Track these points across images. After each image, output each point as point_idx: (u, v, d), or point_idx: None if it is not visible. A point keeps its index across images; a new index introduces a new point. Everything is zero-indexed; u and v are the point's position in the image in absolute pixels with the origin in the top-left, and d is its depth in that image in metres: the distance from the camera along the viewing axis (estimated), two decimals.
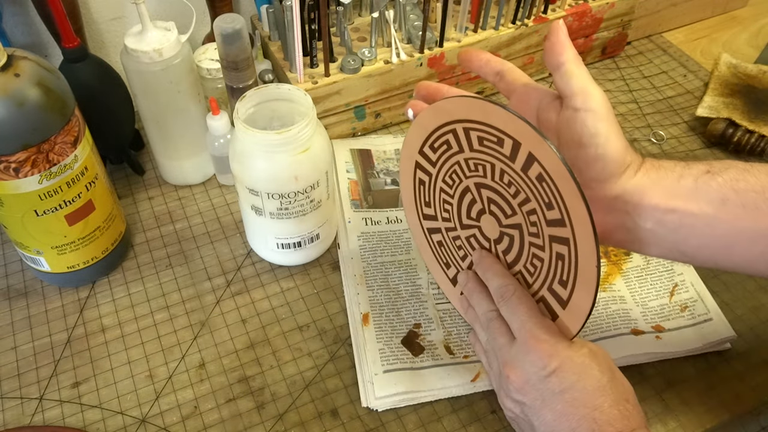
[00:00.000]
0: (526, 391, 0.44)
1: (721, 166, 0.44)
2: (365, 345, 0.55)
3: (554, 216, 0.41)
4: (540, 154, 0.40)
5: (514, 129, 0.41)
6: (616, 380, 0.43)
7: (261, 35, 0.73)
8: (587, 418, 0.41)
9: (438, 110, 0.47)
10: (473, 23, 0.73)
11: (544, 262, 0.44)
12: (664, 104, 0.79)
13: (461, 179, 0.48)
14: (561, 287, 0.43)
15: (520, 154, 0.41)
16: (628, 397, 0.43)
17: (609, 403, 0.41)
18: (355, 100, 0.70)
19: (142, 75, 0.59)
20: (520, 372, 0.44)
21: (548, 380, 0.43)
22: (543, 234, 0.43)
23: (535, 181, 0.41)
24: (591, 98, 0.43)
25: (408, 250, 0.63)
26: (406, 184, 0.55)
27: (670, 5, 0.86)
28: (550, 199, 0.41)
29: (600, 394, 0.42)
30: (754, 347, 0.57)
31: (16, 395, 0.54)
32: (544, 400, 0.43)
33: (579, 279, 0.41)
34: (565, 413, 0.42)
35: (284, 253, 0.60)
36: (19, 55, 0.48)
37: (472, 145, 0.45)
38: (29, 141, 0.48)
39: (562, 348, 0.43)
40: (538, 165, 0.40)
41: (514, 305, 0.46)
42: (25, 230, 0.54)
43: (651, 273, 0.61)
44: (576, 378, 0.42)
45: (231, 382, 0.54)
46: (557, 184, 0.40)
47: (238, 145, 0.54)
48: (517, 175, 0.43)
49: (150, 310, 0.59)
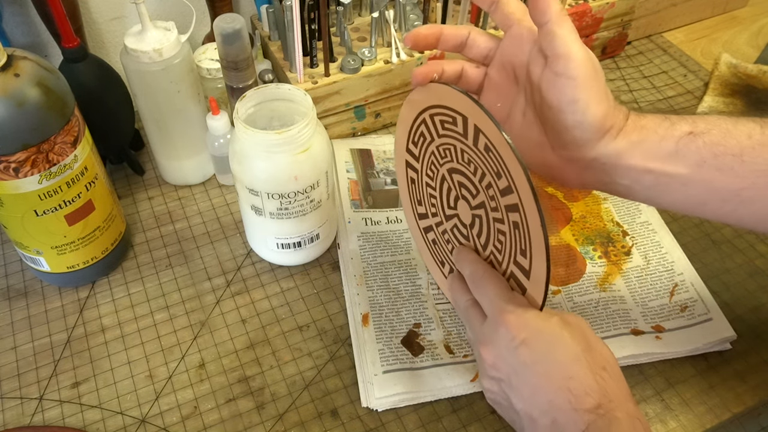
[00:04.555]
0: (499, 366, 0.43)
1: (705, 126, 0.43)
2: (365, 345, 0.55)
3: (504, 184, 0.42)
4: (482, 124, 0.41)
5: (461, 105, 0.43)
6: (592, 348, 0.42)
7: (261, 35, 0.73)
8: (562, 389, 0.40)
9: (410, 103, 0.49)
10: (473, 23, 0.73)
11: (506, 236, 0.44)
12: (665, 104, 0.79)
13: (438, 168, 0.49)
14: (522, 257, 0.43)
15: (469, 129, 0.43)
16: (605, 365, 0.41)
17: (584, 371, 0.40)
18: (355, 100, 0.70)
19: (142, 75, 0.59)
20: (492, 347, 0.43)
21: (518, 352, 0.41)
22: (500, 206, 0.44)
23: (484, 153, 0.43)
24: (572, 64, 0.41)
25: (408, 250, 0.63)
26: (402, 185, 0.56)
27: (670, 5, 0.86)
28: (498, 167, 0.42)
29: (573, 363, 0.40)
30: (754, 347, 0.57)
31: (16, 395, 0.54)
32: (518, 374, 0.42)
33: (533, 245, 0.41)
34: (540, 386, 0.41)
35: (284, 253, 0.60)
36: (19, 55, 0.48)
37: (438, 130, 0.47)
38: (29, 141, 0.48)
39: (530, 318, 0.42)
40: (483, 136, 0.42)
41: (484, 286, 0.45)
42: (25, 230, 0.54)
43: (651, 273, 0.61)
44: (546, 348, 0.41)
45: (231, 382, 0.54)
46: (499, 151, 0.41)
47: (238, 145, 0.53)
48: (472, 152, 0.44)
49: (150, 310, 0.59)
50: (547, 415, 0.40)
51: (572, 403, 0.40)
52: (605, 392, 0.40)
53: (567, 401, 0.40)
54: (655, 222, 0.65)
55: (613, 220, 0.65)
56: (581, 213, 0.66)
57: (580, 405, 0.39)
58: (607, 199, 0.67)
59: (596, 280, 0.60)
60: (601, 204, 0.67)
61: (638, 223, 0.65)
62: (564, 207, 0.67)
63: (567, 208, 0.66)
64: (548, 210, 0.66)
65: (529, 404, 0.41)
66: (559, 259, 0.62)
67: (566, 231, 0.64)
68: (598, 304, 0.58)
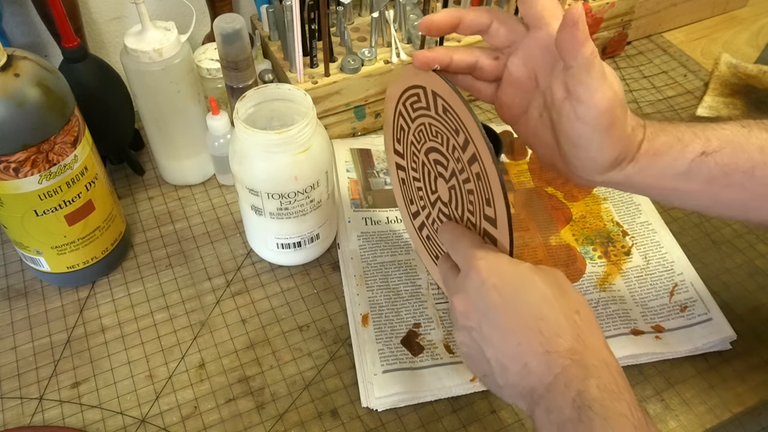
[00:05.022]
0: (470, 314, 0.42)
1: (717, 144, 0.43)
2: (365, 345, 0.55)
3: (462, 139, 0.43)
4: (438, 88, 0.43)
5: (421, 79, 0.45)
6: (565, 292, 0.41)
7: (261, 35, 0.73)
8: (532, 330, 0.39)
9: (387, 99, 0.51)
10: None
11: (474, 194, 0.45)
12: (665, 104, 0.79)
13: (418, 156, 0.51)
14: (488, 207, 0.43)
15: (429, 98, 0.45)
16: (578, 309, 0.40)
17: (554, 313, 0.39)
18: (355, 100, 0.70)
19: (142, 75, 0.59)
20: (463, 295, 0.42)
21: (488, 295, 0.40)
22: (465, 164, 0.44)
23: (444, 116, 0.44)
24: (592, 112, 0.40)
25: (408, 251, 0.63)
26: (396, 189, 0.57)
27: (670, 5, 0.86)
28: (455, 124, 0.43)
29: (544, 305, 0.39)
30: (754, 347, 0.57)
31: (16, 395, 0.54)
32: (488, 318, 0.40)
33: (493, 190, 0.41)
34: (510, 328, 0.39)
35: (284, 253, 0.60)
36: (19, 55, 0.48)
37: (411, 114, 0.48)
38: (29, 141, 0.48)
39: (500, 263, 0.41)
40: (440, 98, 0.43)
41: (457, 243, 0.45)
42: (25, 230, 0.54)
43: (651, 273, 0.61)
44: (515, 290, 0.40)
45: (231, 382, 0.54)
46: (451, 104, 0.42)
47: (238, 145, 0.54)
48: (436, 120, 0.45)
49: (150, 310, 0.59)
50: (518, 360, 0.39)
51: (543, 345, 0.38)
52: (578, 335, 0.39)
53: (538, 343, 0.38)
54: (655, 222, 0.65)
55: (613, 220, 0.65)
56: (581, 213, 0.66)
57: (552, 347, 0.38)
58: (607, 199, 0.67)
59: (596, 280, 0.60)
60: (601, 204, 0.67)
61: (638, 223, 0.65)
62: (564, 207, 0.67)
63: (567, 208, 0.66)
64: (548, 210, 0.66)
65: (500, 349, 0.40)
66: (559, 259, 0.62)
67: (566, 231, 0.64)
68: (598, 304, 0.58)
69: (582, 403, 0.36)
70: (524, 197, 0.67)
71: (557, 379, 0.38)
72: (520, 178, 0.69)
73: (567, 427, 0.37)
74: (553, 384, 0.38)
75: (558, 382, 0.38)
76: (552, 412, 0.38)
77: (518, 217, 0.66)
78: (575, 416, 0.36)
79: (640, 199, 0.67)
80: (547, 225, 0.65)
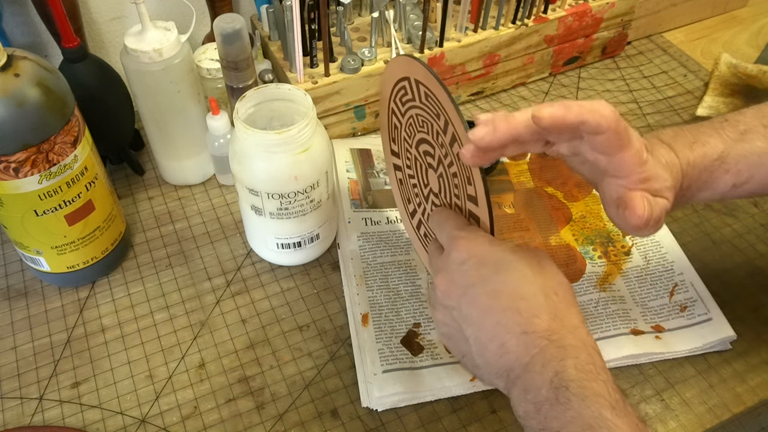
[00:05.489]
0: (450, 292, 0.42)
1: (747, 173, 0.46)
2: (365, 345, 0.55)
3: (443, 121, 0.44)
4: (419, 75, 0.44)
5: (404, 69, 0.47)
6: (545, 272, 0.41)
7: (261, 35, 0.73)
8: (511, 309, 0.39)
9: (381, 99, 0.53)
10: (473, 23, 0.73)
11: (457, 176, 0.45)
12: (665, 104, 0.79)
13: (410, 150, 0.52)
14: (470, 186, 0.43)
15: (414, 87, 0.46)
16: (557, 289, 0.40)
17: (533, 292, 0.39)
18: (355, 100, 0.70)
19: (141, 75, 0.59)
20: (444, 274, 0.42)
21: (468, 273, 0.41)
22: (447, 147, 0.45)
23: (427, 103, 0.45)
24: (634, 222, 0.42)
25: (408, 251, 0.62)
26: (395, 191, 0.58)
27: (670, 5, 0.86)
28: (436, 108, 0.44)
29: (523, 284, 0.40)
30: (754, 347, 0.57)
31: (16, 395, 0.54)
32: (467, 297, 0.41)
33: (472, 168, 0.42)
34: (489, 307, 0.40)
35: (284, 253, 0.60)
36: (19, 55, 0.48)
37: (401, 109, 0.50)
38: (29, 141, 0.48)
39: (481, 242, 0.42)
40: (422, 85, 0.44)
41: (443, 224, 0.45)
42: (25, 230, 0.54)
43: (651, 273, 0.61)
44: (494, 269, 0.40)
45: (231, 382, 0.54)
46: (429, 87, 0.43)
47: (238, 145, 0.53)
48: (421, 109, 0.46)
49: (150, 310, 0.59)
50: (496, 339, 0.39)
51: (521, 325, 0.39)
52: (555, 314, 0.39)
53: (516, 323, 0.39)
54: None
55: None
56: (581, 213, 0.66)
57: (530, 327, 0.38)
58: None
59: (596, 279, 0.60)
60: (601, 204, 0.67)
61: None
62: (564, 207, 0.67)
63: (567, 208, 0.66)
64: (548, 210, 0.66)
65: (478, 328, 0.40)
66: (559, 259, 0.62)
67: (566, 231, 0.64)
68: (598, 304, 0.58)
69: (559, 383, 0.37)
70: (524, 197, 0.67)
71: (534, 359, 0.38)
72: (520, 178, 0.69)
73: (544, 408, 0.37)
74: (530, 364, 0.38)
75: (535, 363, 0.38)
76: (529, 392, 0.38)
77: (518, 217, 0.66)
78: (552, 396, 0.37)
79: None
80: (547, 225, 0.65)
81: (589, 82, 0.82)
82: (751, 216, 0.67)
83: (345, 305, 0.59)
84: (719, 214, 0.67)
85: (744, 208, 0.67)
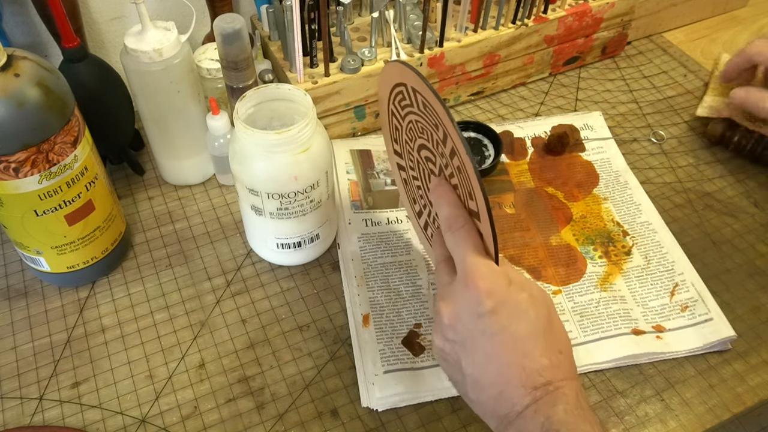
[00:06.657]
0: (457, 328, 0.42)
1: None
2: (365, 345, 0.55)
3: (441, 133, 0.43)
4: (415, 84, 0.44)
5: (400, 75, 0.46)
6: (553, 329, 0.42)
7: (261, 35, 0.73)
8: (515, 365, 0.40)
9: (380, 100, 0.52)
10: (473, 23, 0.73)
11: (458, 188, 0.45)
12: (665, 104, 0.79)
13: (413, 152, 0.51)
14: (471, 201, 0.43)
15: (411, 94, 0.45)
16: (561, 348, 0.42)
17: (540, 351, 0.40)
18: (355, 100, 0.70)
19: (142, 75, 0.59)
20: (453, 307, 0.42)
21: (481, 320, 0.41)
22: (448, 159, 0.44)
23: (424, 111, 0.44)
24: None
25: (408, 251, 0.62)
26: (400, 190, 0.58)
27: (670, 5, 0.86)
28: (435, 119, 0.43)
29: (532, 341, 0.40)
30: (754, 347, 0.57)
31: (16, 395, 0.54)
32: (474, 340, 0.41)
33: (473, 182, 0.42)
34: (494, 356, 0.40)
35: (284, 253, 0.60)
36: (19, 55, 0.48)
37: (400, 112, 0.49)
38: (29, 141, 0.48)
39: (500, 287, 0.41)
40: (419, 94, 0.44)
41: (462, 238, 0.44)
42: (25, 230, 0.54)
43: (651, 273, 0.61)
44: (509, 321, 0.41)
45: (231, 382, 0.54)
46: (426, 99, 0.43)
47: (238, 145, 0.53)
48: (420, 116, 0.46)
49: (150, 310, 0.59)
50: (495, 387, 0.41)
51: (522, 380, 0.40)
52: (557, 371, 0.40)
53: (518, 377, 0.40)
54: (655, 222, 0.65)
55: (613, 220, 0.65)
56: (581, 213, 0.66)
57: (530, 383, 0.40)
58: (607, 199, 0.67)
59: (597, 279, 0.60)
60: (601, 204, 0.67)
61: (638, 223, 0.65)
62: (564, 207, 0.67)
63: (567, 208, 0.66)
64: (549, 210, 0.66)
65: (480, 371, 0.41)
66: (559, 259, 0.62)
67: (567, 231, 0.64)
68: (599, 304, 0.58)
69: (550, 427, 0.39)
70: (524, 197, 0.67)
71: (528, 407, 0.40)
72: (520, 178, 0.69)
73: None
74: (524, 411, 0.40)
75: (528, 410, 0.40)
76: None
77: (518, 217, 0.66)
78: None
79: (641, 199, 0.67)
80: (547, 225, 0.65)
81: (589, 82, 0.82)
82: (751, 216, 0.67)
83: (345, 305, 0.59)
84: (719, 214, 0.67)
85: (744, 208, 0.67)
